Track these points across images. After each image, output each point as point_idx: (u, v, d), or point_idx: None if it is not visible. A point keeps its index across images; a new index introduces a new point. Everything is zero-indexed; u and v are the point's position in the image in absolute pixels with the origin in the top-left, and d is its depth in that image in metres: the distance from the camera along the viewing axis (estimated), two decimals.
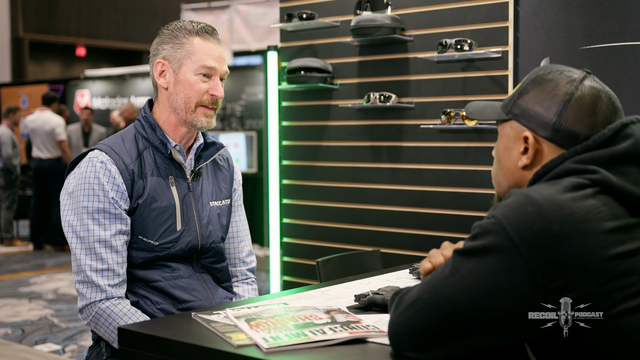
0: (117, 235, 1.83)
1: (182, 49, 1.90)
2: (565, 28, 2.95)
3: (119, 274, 1.83)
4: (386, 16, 3.28)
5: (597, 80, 1.29)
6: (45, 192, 8.12)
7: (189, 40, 1.90)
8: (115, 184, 1.84)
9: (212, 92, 1.91)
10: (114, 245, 1.82)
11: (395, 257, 3.39)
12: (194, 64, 1.89)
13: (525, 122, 1.29)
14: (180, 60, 1.90)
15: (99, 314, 1.81)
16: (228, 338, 1.35)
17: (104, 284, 1.81)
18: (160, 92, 1.95)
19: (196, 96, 1.90)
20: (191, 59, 1.89)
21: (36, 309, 5.54)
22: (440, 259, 1.49)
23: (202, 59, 1.89)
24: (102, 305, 1.81)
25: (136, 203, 1.86)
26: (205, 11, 9.53)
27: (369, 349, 1.32)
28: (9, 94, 11.28)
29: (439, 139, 3.32)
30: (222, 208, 2.05)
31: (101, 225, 1.82)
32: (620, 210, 1.17)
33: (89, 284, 1.81)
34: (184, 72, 1.89)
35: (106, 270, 1.81)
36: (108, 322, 1.81)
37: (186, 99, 1.90)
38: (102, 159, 1.85)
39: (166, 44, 1.92)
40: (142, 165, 1.89)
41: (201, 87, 1.89)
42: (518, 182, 1.32)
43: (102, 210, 1.82)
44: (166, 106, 1.94)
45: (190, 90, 1.89)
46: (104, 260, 1.81)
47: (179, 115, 1.92)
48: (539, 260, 1.10)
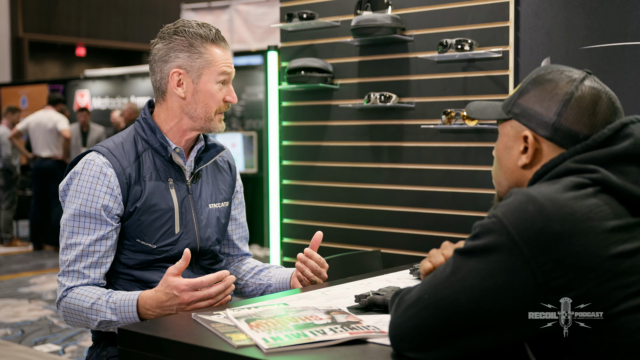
0: (101, 240, 1.83)
1: (201, 59, 1.88)
2: (566, 28, 2.95)
3: (89, 275, 1.84)
4: (387, 16, 3.27)
5: (598, 81, 1.29)
6: (45, 193, 8.13)
7: (207, 49, 1.89)
8: (110, 187, 1.84)
9: (228, 98, 1.93)
10: (96, 251, 1.83)
11: (395, 257, 3.39)
12: (214, 73, 1.89)
13: (525, 122, 1.30)
14: (200, 70, 1.88)
15: (66, 303, 1.82)
16: (228, 338, 1.35)
17: (78, 267, 1.82)
18: (171, 98, 1.92)
19: (216, 104, 1.91)
20: (211, 68, 1.89)
21: (36, 309, 5.54)
22: (440, 258, 1.49)
23: (221, 66, 1.90)
24: (69, 294, 1.82)
25: (133, 207, 1.86)
26: (205, 11, 9.52)
27: (370, 349, 1.31)
28: (8, 94, 11.28)
29: (439, 139, 3.31)
30: (221, 210, 2.04)
31: (85, 229, 1.83)
32: (621, 209, 1.17)
33: (62, 274, 1.84)
34: (205, 82, 1.89)
35: (79, 269, 1.83)
36: (74, 309, 1.81)
37: (206, 108, 1.90)
38: (99, 162, 1.85)
39: (180, 52, 1.88)
40: (141, 168, 1.88)
41: (220, 94, 1.91)
42: (518, 181, 1.32)
43: (88, 214, 1.83)
44: (176, 113, 1.92)
45: (211, 100, 1.90)
46: (81, 263, 1.83)
47: (196, 123, 1.92)
48: (539, 259, 1.10)
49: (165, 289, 1.72)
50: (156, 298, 1.73)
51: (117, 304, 1.77)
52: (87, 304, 1.79)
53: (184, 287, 1.69)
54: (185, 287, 1.69)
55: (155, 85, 1.94)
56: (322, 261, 1.98)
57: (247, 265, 2.17)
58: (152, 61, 1.93)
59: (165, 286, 1.71)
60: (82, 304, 1.79)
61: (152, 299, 1.74)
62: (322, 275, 1.97)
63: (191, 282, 1.70)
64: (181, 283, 1.70)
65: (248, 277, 2.13)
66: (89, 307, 1.78)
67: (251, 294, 2.12)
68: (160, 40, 1.92)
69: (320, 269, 1.96)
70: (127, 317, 1.76)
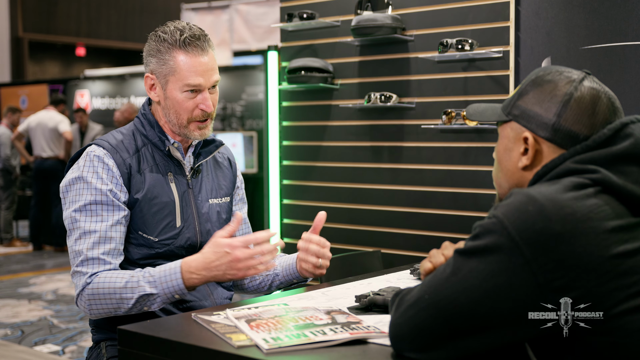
0: (116, 226, 1.82)
1: (166, 66, 1.86)
2: (566, 28, 2.94)
3: (110, 262, 1.79)
4: (387, 16, 3.27)
5: (597, 81, 1.29)
6: (46, 193, 8.13)
7: (171, 56, 1.85)
8: (113, 176, 1.84)
9: (201, 107, 1.87)
10: (113, 237, 1.80)
11: (396, 257, 3.39)
12: (179, 82, 1.85)
13: (525, 123, 1.30)
14: (166, 76, 1.87)
15: (92, 289, 1.75)
16: (228, 339, 1.35)
17: (98, 254, 1.77)
18: (154, 102, 1.95)
19: (186, 113, 1.87)
20: (175, 76, 1.85)
21: (36, 309, 5.53)
22: (441, 259, 1.49)
23: (185, 77, 1.84)
24: (94, 279, 1.75)
25: (135, 197, 1.86)
26: (205, 11, 9.53)
27: (370, 349, 1.31)
28: (8, 94, 11.27)
29: (439, 139, 3.31)
30: (222, 205, 2.04)
31: (99, 216, 1.80)
32: (622, 209, 1.17)
33: (81, 264, 1.77)
34: (171, 89, 1.87)
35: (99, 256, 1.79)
36: (104, 293, 1.74)
37: (177, 114, 1.88)
38: (99, 153, 1.86)
39: (152, 56, 1.89)
40: (141, 161, 1.89)
41: (189, 104, 1.87)
42: (518, 183, 1.32)
43: (99, 202, 1.81)
44: (162, 113, 1.93)
45: (179, 108, 1.87)
46: (100, 249, 1.78)
47: (173, 127, 1.92)
48: (540, 259, 1.10)
49: (214, 249, 1.70)
50: (203, 259, 1.71)
51: (156, 276, 1.73)
52: (120, 284, 1.73)
53: (238, 244, 1.69)
54: (239, 243, 1.69)
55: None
56: (323, 241, 1.94)
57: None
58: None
59: (215, 246, 1.70)
60: (113, 285, 1.73)
61: (198, 261, 1.72)
62: (325, 255, 1.93)
63: (243, 238, 1.70)
64: (234, 240, 1.70)
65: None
66: (122, 286, 1.73)
67: (259, 286, 2.10)
68: (146, 42, 1.95)
69: (323, 251, 1.92)
70: (169, 286, 1.72)
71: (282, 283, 2.05)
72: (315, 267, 1.94)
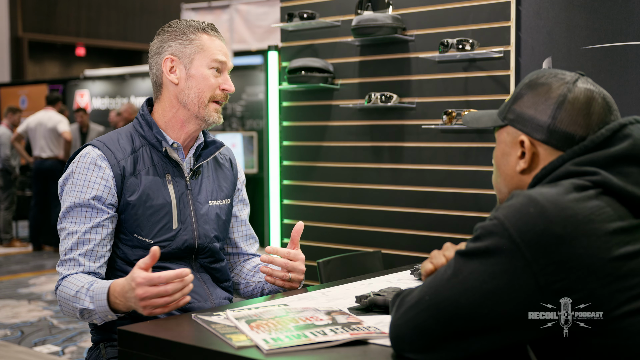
0: (96, 228, 1.83)
1: (192, 45, 1.92)
2: (567, 28, 2.94)
3: (84, 264, 1.81)
4: (387, 16, 3.27)
5: (591, 82, 1.30)
6: (46, 193, 8.12)
7: (197, 36, 1.93)
8: (104, 178, 1.85)
9: (224, 86, 1.93)
10: (91, 239, 1.82)
11: (396, 258, 3.38)
12: (206, 59, 1.91)
13: (520, 127, 1.30)
14: (191, 55, 1.91)
15: (59, 292, 1.79)
16: (228, 339, 1.35)
17: (74, 255, 1.80)
18: (167, 89, 1.94)
19: (209, 90, 1.91)
20: (202, 54, 1.91)
21: (35, 310, 5.53)
22: (442, 260, 1.48)
23: (213, 53, 1.92)
24: (63, 282, 1.79)
25: (128, 200, 1.86)
26: (205, 11, 9.53)
27: (370, 350, 1.31)
28: (8, 94, 11.28)
29: (440, 139, 3.31)
30: (222, 207, 2.04)
31: (80, 218, 1.83)
32: (623, 211, 1.17)
33: (60, 264, 1.82)
34: (197, 66, 1.91)
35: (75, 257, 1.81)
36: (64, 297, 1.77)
37: (199, 93, 1.91)
38: (94, 154, 1.87)
39: (172, 40, 1.93)
40: (137, 163, 1.89)
41: (214, 81, 1.92)
42: (517, 187, 1.33)
43: (82, 205, 1.83)
44: (173, 103, 1.93)
45: (203, 84, 1.91)
46: (77, 251, 1.81)
47: (190, 111, 1.92)
48: (541, 261, 1.10)
49: (128, 279, 1.63)
50: (122, 286, 1.66)
51: (95, 291, 1.71)
52: (72, 292, 1.75)
53: (140, 280, 1.56)
54: (142, 280, 1.56)
55: (153, 79, 1.98)
56: (294, 254, 1.92)
57: (250, 265, 2.15)
58: (149, 57, 1.99)
59: (130, 276, 1.62)
60: (69, 292, 1.76)
61: (119, 286, 1.67)
62: (297, 269, 1.90)
63: (149, 276, 1.56)
64: (139, 275, 1.57)
65: (249, 276, 2.11)
66: (73, 295, 1.74)
67: (253, 292, 2.10)
68: (155, 37, 1.98)
69: (293, 264, 1.90)
70: (100, 305, 1.70)
71: (271, 291, 2.05)
72: (284, 281, 1.91)
